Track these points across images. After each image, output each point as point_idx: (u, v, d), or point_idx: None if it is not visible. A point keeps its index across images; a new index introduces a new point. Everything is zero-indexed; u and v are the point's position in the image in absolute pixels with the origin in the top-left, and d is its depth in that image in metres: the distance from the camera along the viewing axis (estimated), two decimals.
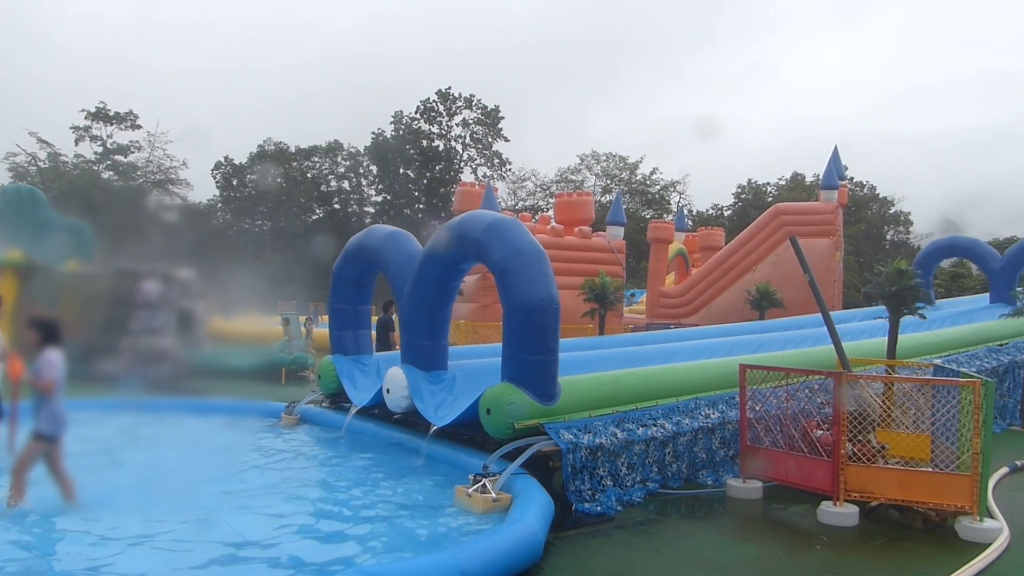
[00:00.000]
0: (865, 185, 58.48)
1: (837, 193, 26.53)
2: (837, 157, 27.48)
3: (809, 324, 16.29)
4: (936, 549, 6.76)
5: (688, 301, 27.40)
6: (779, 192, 54.72)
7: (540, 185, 65.15)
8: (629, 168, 64.36)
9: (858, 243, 49.58)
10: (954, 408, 7.53)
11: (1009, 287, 16.86)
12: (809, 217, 26.40)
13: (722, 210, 60.94)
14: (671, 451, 8.76)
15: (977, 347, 14.55)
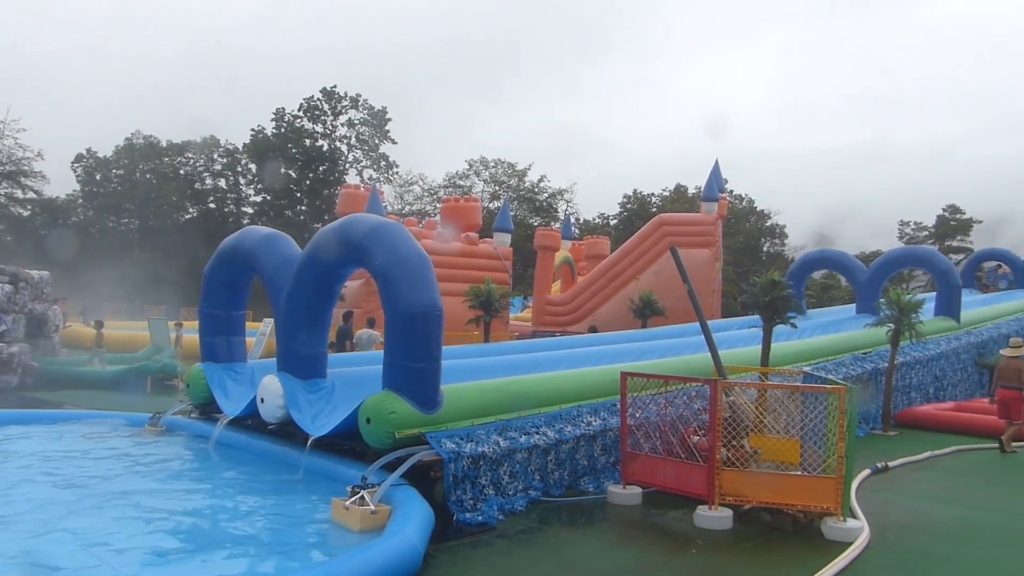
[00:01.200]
0: (744, 198, 61.02)
1: (717, 205, 27.48)
2: (718, 170, 28.50)
3: (689, 332, 16.72)
4: (804, 549, 7.00)
5: (574, 309, 27.75)
6: (663, 203, 56.35)
7: (428, 189, 64.82)
8: (518, 175, 64.86)
9: (737, 254, 51.67)
10: (821, 413, 7.83)
11: (874, 298, 17.82)
12: (690, 228, 27.23)
13: (608, 219, 62.30)
14: (553, 459, 8.76)
15: (844, 355, 15.30)
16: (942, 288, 20.15)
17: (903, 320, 14.39)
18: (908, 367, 16.26)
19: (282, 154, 54.26)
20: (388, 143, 59.43)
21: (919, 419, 15.10)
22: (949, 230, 58.19)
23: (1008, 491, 10.02)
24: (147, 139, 57.54)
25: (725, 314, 27.91)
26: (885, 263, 20.71)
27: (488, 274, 21.77)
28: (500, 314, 19.92)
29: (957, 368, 18.69)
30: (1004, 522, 8.24)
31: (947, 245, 56.27)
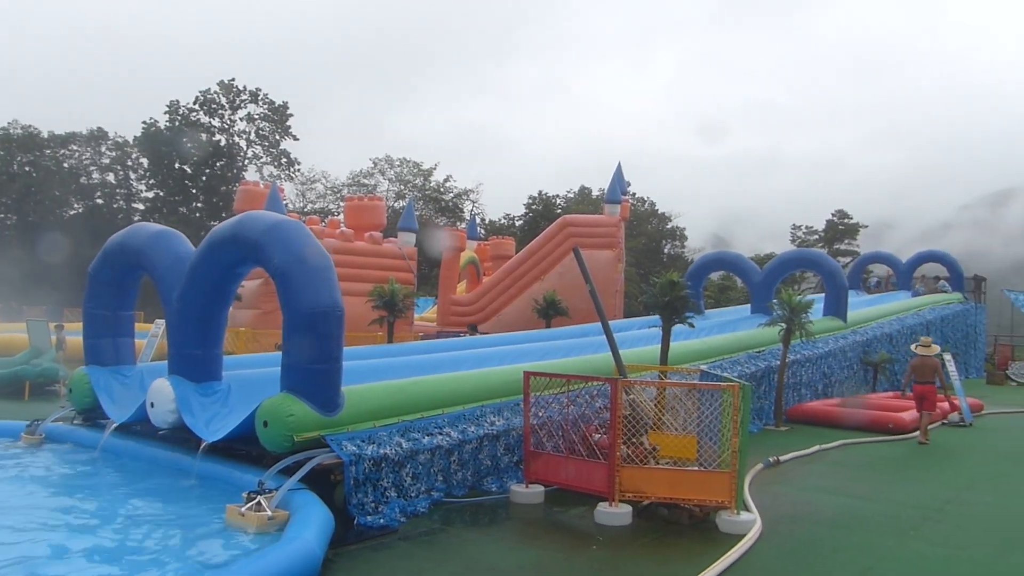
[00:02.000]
0: (646, 201, 62.38)
1: (620, 207, 27.97)
2: (620, 173, 29.01)
3: (592, 332, 16.96)
4: (699, 542, 7.18)
5: (479, 309, 27.74)
6: (568, 204, 56.96)
7: (331, 188, 63.54)
8: (423, 174, 64.35)
9: (638, 256, 52.75)
10: (717, 410, 8.07)
11: (767, 299, 18.48)
12: (594, 229, 27.62)
13: (514, 220, 62.58)
14: (456, 459, 8.72)
15: (739, 353, 15.82)
16: (830, 289, 21.11)
17: (794, 320, 14.99)
18: (799, 365, 16.94)
19: (176, 149, 52.05)
20: (289, 139, 57.83)
21: (809, 414, 15.76)
22: (838, 234, 60.99)
23: (887, 482, 10.57)
24: (25, 129, 54.19)
25: (627, 314, 28.42)
26: (778, 265, 21.54)
27: (392, 274, 21.53)
28: (404, 314, 19.72)
29: (844, 366, 19.60)
30: (883, 510, 8.67)
31: (836, 248, 58.98)
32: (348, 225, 25.30)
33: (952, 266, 34.79)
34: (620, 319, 23.89)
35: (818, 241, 60.71)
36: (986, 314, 36.68)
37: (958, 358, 25.41)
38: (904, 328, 24.37)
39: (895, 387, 22.07)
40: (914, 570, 6.59)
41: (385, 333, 18.47)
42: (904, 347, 23.99)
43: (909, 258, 35.84)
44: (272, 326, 19.01)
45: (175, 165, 52.48)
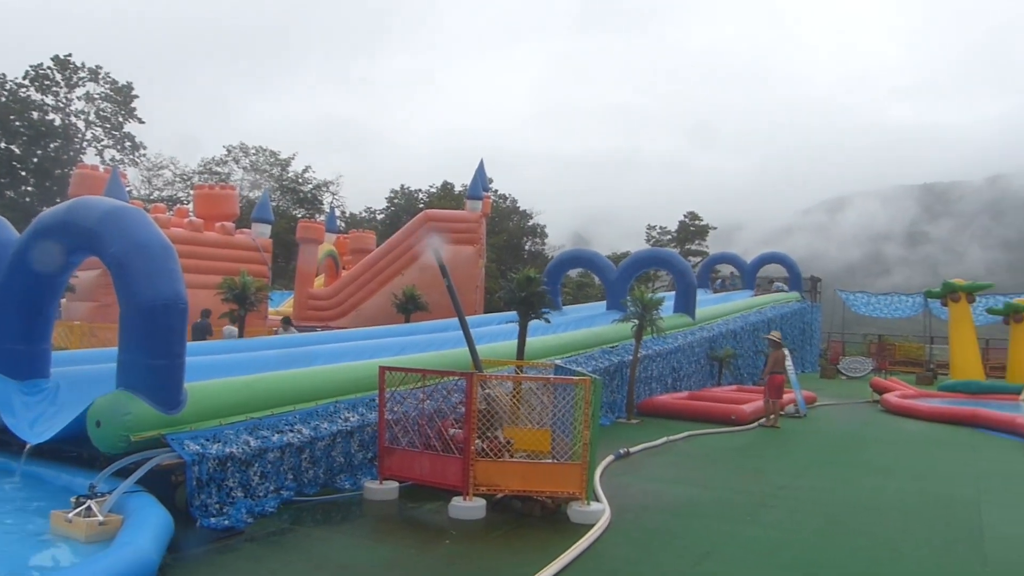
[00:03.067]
0: (508, 198, 62.98)
1: (481, 203, 28.14)
2: (483, 169, 29.19)
3: (452, 327, 16.98)
4: (551, 533, 7.31)
5: (338, 303, 27.18)
6: (430, 199, 56.75)
7: (180, 175, 60.36)
8: (280, 164, 62.30)
9: (500, 252, 53.22)
10: (570, 404, 8.24)
11: (622, 296, 19.07)
12: (455, 225, 27.66)
13: (375, 213, 61.71)
14: (308, 457, 8.48)
15: (594, 349, 16.25)
16: (680, 287, 22.05)
17: (646, 316, 15.54)
18: (650, 360, 17.59)
19: (3, 127, 47.85)
20: (134, 122, 54.39)
21: (659, 407, 16.40)
22: (689, 235, 63.86)
23: (728, 471, 11.15)
24: None
25: (488, 310, 28.63)
26: (631, 263, 22.31)
27: (245, 266, 20.72)
28: (257, 308, 19.03)
29: (692, 360, 20.53)
30: (723, 498, 9.14)
31: (687, 248, 61.75)
32: (198, 215, 24.14)
33: (791, 267, 37.17)
34: (480, 314, 24.03)
35: (671, 241, 63.34)
36: (821, 312, 39.44)
37: (795, 353, 27.13)
38: (747, 325, 25.83)
39: (738, 380, 23.40)
40: (749, 553, 6.96)
41: (236, 327, 17.75)
42: (747, 343, 25.43)
43: (753, 259, 37.98)
44: (110, 320, 17.85)
45: (1, 144, 48.28)
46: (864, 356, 36.37)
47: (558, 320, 18.77)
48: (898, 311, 38.03)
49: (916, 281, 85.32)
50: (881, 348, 38.45)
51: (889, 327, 42.67)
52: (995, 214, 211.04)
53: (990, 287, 30.20)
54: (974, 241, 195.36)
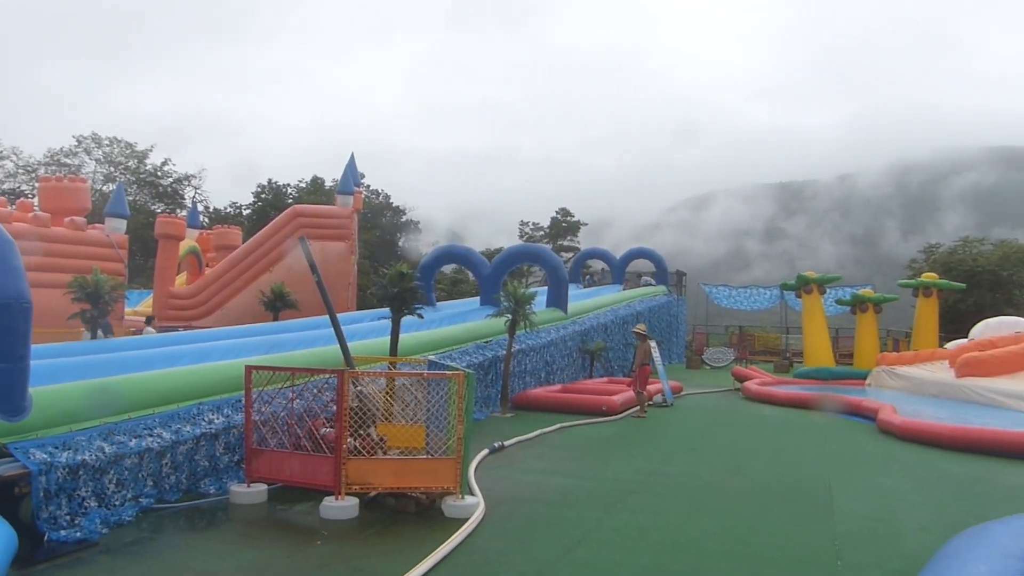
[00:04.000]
0: (381, 193, 62.21)
1: (353, 199, 27.62)
2: (354, 164, 28.64)
3: (323, 325, 16.60)
4: (426, 529, 7.27)
5: (202, 302, 26.01)
6: (299, 194, 55.22)
7: (24, 166, 56.19)
8: (137, 156, 59.04)
9: (373, 248, 52.46)
10: (444, 399, 8.22)
11: (495, 291, 19.19)
12: (326, 220, 27.02)
13: (241, 209, 59.53)
14: (169, 462, 8.08)
15: (468, 344, 16.28)
16: (552, 282, 22.43)
17: (519, 311, 15.71)
18: (524, 354, 17.80)
19: None
20: None
21: (532, 401, 16.61)
22: (561, 231, 65.07)
23: (599, 460, 11.42)
24: None
25: (361, 307, 28.17)
26: (504, 259, 22.48)
27: (98, 264, 19.51)
28: (112, 308, 17.96)
29: (565, 354, 20.91)
30: (594, 487, 9.37)
31: (559, 244, 62.91)
32: (44, 208, 22.47)
33: (658, 262, 38.50)
34: (352, 311, 23.61)
35: (544, 237, 64.36)
36: (686, 305, 41.07)
37: (663, 345, 28.11)
38: (617, 319, 26.55)
39: (609, 373, 24.02)
40: (618, 537, 7.16)
41: (89, 328, 16.68)
42: (617, 336, 26.15)
43: (623, 254, 39.08)
44: None
45: None
46: (727, 346, 38.15)
47: (432, 316, 18.69)
48: (757, 303, 40.15)
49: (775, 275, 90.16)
50: (742, 338, 40.45)
51: (749, 318, 44.95)
52: (844, 211, 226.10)
53: (839, 279, 32.33)
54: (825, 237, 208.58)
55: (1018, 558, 4.13)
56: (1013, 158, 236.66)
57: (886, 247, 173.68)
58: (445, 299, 32.72)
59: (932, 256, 53.43)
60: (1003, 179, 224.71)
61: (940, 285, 27.99)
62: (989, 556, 4.09)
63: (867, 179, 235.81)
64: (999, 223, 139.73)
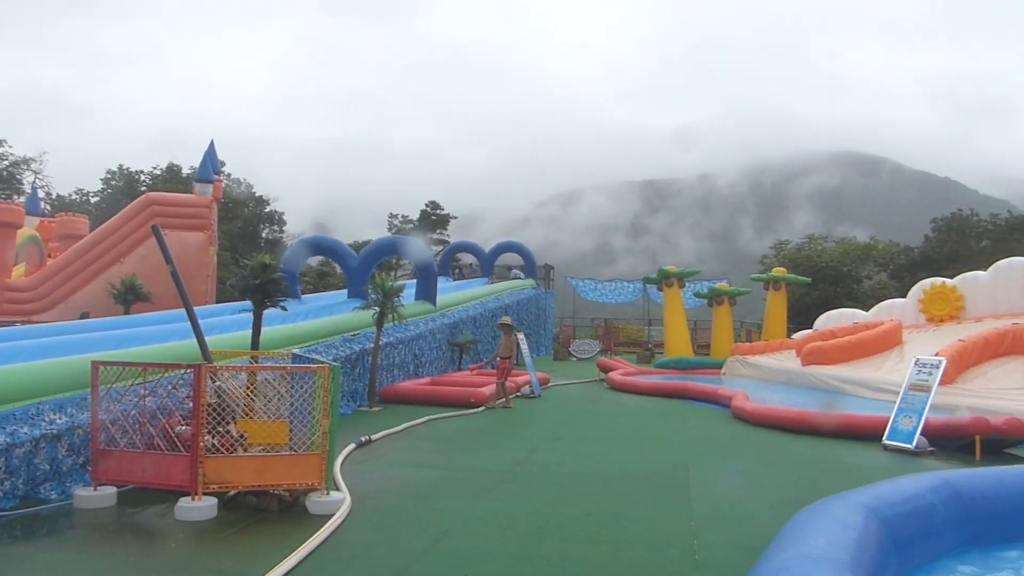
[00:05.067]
0: (243, 182, 60.03)
1: (212, 187, 26.49)
2: (213, 151, 27.45)
3: (179, 318, 15.85)
4: (290, 527, 7.05)
5: (43, 295, 24.27)
6: (154, 182, 52.48)
7: None
8: None
9: (234, 239, 50.55)
10: (308, 393, 7.99)
11: (363, 283, 18.91)
12: (182, 209, 25.79)
13: (88, 196, 55.95)
14: (3, 467, 7.47)
15: (334, 337, 15.95)
16: (421, 275, 22.31)
17: (387, 304, 15.52)
18: (392, 347, 17.62)
19: None
20: None
21: (401, 394, 16.47)
22: (431, 223, 64.84)
23: (467, 451, 11.45)
24: None
25: (221, 299, 27.10)
26: (373, 251, 22.18)
27: None
28: None
29: (434, 347, 20.86)
30: (462, 478, 9.38)
31: (429, 237, 62.68)
32: None
33: (527, 256, 39.03)
34: (212, 304, 22.69)
35: (413, 230, 63.93)
36: (554, 298, 41.85)
37: (531, 338, 28.51)
38: (486, 311, 26.73)
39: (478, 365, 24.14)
40: (486, 527, 7.19)
41: None
42: (486, 329, 26.33)
43: (492, 248, 39.37)
44: None
45: None
46: (592, 338, 39.19)
47: (297, 309, 18.22)
48: (621, 296, 41.41)
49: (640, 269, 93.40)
50: (607, 331, 41.65)
51: (614, 311, 46.32)
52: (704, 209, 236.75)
53: (697, 273, 33.81)
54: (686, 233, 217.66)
55: (853, 528, 4.44)
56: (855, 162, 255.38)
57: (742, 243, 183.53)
58: (311, 292, 31.96)
59: (781, 252, 56.89)
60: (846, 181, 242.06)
61: (788, 279, 29.79)
62: (828, 528, 4.37)
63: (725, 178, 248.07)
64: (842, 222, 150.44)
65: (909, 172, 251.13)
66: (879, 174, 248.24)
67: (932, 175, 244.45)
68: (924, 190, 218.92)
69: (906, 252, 54.69)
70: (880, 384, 18.00)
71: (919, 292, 25.26)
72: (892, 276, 52.96)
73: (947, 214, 54.34)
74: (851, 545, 4.25)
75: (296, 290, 21.49)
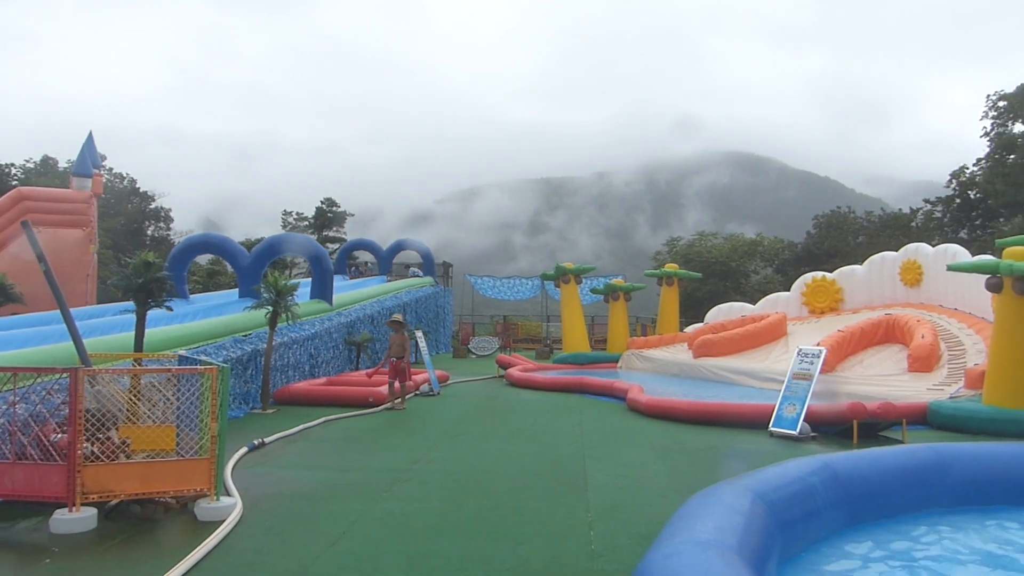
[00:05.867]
0: (126, 177, 57.37)
1: (91, 182, 25.18)
2: (92, 144, 26.09)
3: (54, 320, 15.02)
4: (177, 534, 6.79)
5: None
6: (26, 176, 49.55)
7: None
8: None
9: (116, 237, 48.25)
10: (196, 396, 7.70)
11: (255, 282, 18.39)
12: (58, 205, 24.40)
13: None
14: None
15: (225, 338, 15.44)
16: (317, 273, 21.85)
17: (280, 303, 15.13)
18: (286, 347, 17.19)
19: None
20: None
21: (296, 395, 16.09)
22: (327, 221, 63.56)
23: (364, 452, 11.28)
24: None
25: (103, 300, 25.80)
26: (265, 249, 21.59)
27: None
28: None
29: (330, 346, 20.48)
30: (360, 479, 9.22)
31: (325, 235, 61.45)
32: None
33: (425, 254, 38.83)
34: (92, 305, 21.59)
35: (308, 227, 62.60)
36: (453, 296, 41.78)
37: (429, 336, 28.38)
38: (384, 310, 26.43)
39: (376, 364, 23.86)
40: (383, 527, 7.09)
41: None
42: (384, 327, 26.05)
43: (389, 245, 38.98)
44: None
45: None
46: (492, 336, 39.32)
47: (185, 309, 17.58)
48: (519, 293, 41.72)
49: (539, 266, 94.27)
50: (506, 328, 41.89)
51: (514, 308, 46.66)
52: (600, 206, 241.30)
53: (593, 270, 34.38)
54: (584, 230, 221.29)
55: (740, 513, 4.60)
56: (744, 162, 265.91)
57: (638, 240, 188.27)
58: (201, 292, 30.85)
59: (674, 248, 58.61)
60: (735, 180, 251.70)
61: (680, 275, 30.67)
62: (716, 513, 4.51)
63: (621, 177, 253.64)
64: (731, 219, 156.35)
65: (793, 172, 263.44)
66: (766, 173, 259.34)
67: (814, 175, 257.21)
68: (807, 189, 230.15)
69: (790, 248, 57.20)
70: (766, 374, 18.79)
71: (802, 286, 26.51)
72: (777, 271, 55.35)
73: (827, 212, 57.09)
74: (738, 529, 4.40)
75: (183, 290, 20.70)
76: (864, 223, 54.56)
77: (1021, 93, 43.65)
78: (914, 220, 51.00)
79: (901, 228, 48.98)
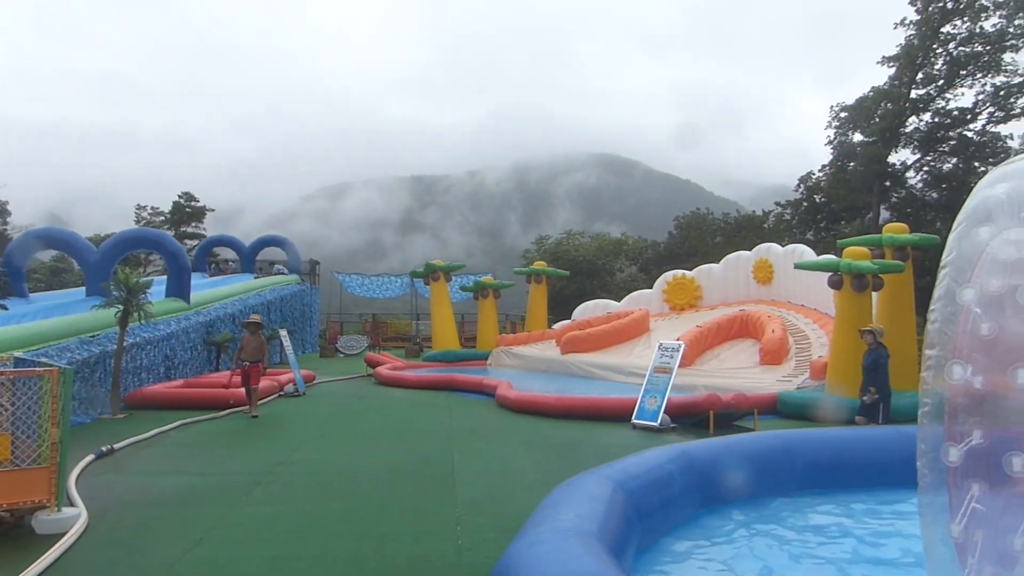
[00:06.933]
0: None
1: None
2: None
3: None
4: (11, 550, 6.29)
5: None
6: None
7: None
8: None
9: None
10: (34, 400, 7.15)
11: (104, 279, 17.32)
12: None
13: None
14: None
15: (69, 339, 14.48)
16: (173, 270, 20.83)
17: (132, 301, 14.33)
18: (139, 348, 16.31)
19: None
20: None
21: (150, 399, 15.25)
22: (185, 216, 60.64)
23: (224, 455, 10.84)
24: None
25: None
26: (115, 245, 20.38)
27: None
28: None
29: (188, 347, 19.57)
30: (218, 483, 8.84)
31: (182, 231, 58.63)
32: None
33: (291, 251, 37.79)
34: None
35: (165, 223, 59.59)
36: (320, 294, 40.86)
37: (295, 335, 27.64)
38: (246, 308, 25.53)
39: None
40: (242, 531, 6.83)
41: None
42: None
43: (252, 242, 37.69)
44: None
45: None
46: (360, 334, 38.72)
47: (23, 309, 16.40)
48: (388, 291, 41.29)
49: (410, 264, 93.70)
50: (375, 326, 41.37)
51: (383, 306, 46.10)
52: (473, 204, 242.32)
53: (462, 267, 34.47)
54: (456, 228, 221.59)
55: (601, 501, 4.71)
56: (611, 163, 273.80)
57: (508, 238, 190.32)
58: (43, 290, 28.83)
59: (543, 247, 59.58)
60: (602, 181, 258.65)
61: (548, 272, 31.21)
62: (578, 502, 4.61)
63: (493, 176, 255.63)
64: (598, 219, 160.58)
65: (657, 174, 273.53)
66: (632, 175, 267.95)
67: (676, 177, 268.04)
68: (669, 191, 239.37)
69: (653, 247, 59.30)
70: (630, 368, 19.40)
71: (663, 283, 27.55)
72: (641, 269, 57.30)
73: (688, 213, 59.55)
74: (599, 516, 4.50)
75: (22, 288, 19.29)
76: (721, 224, 57.21)
77: (860, 105, 46.91)
78: (766, 222, 53.91)
79: (755, 229, 51.66)
